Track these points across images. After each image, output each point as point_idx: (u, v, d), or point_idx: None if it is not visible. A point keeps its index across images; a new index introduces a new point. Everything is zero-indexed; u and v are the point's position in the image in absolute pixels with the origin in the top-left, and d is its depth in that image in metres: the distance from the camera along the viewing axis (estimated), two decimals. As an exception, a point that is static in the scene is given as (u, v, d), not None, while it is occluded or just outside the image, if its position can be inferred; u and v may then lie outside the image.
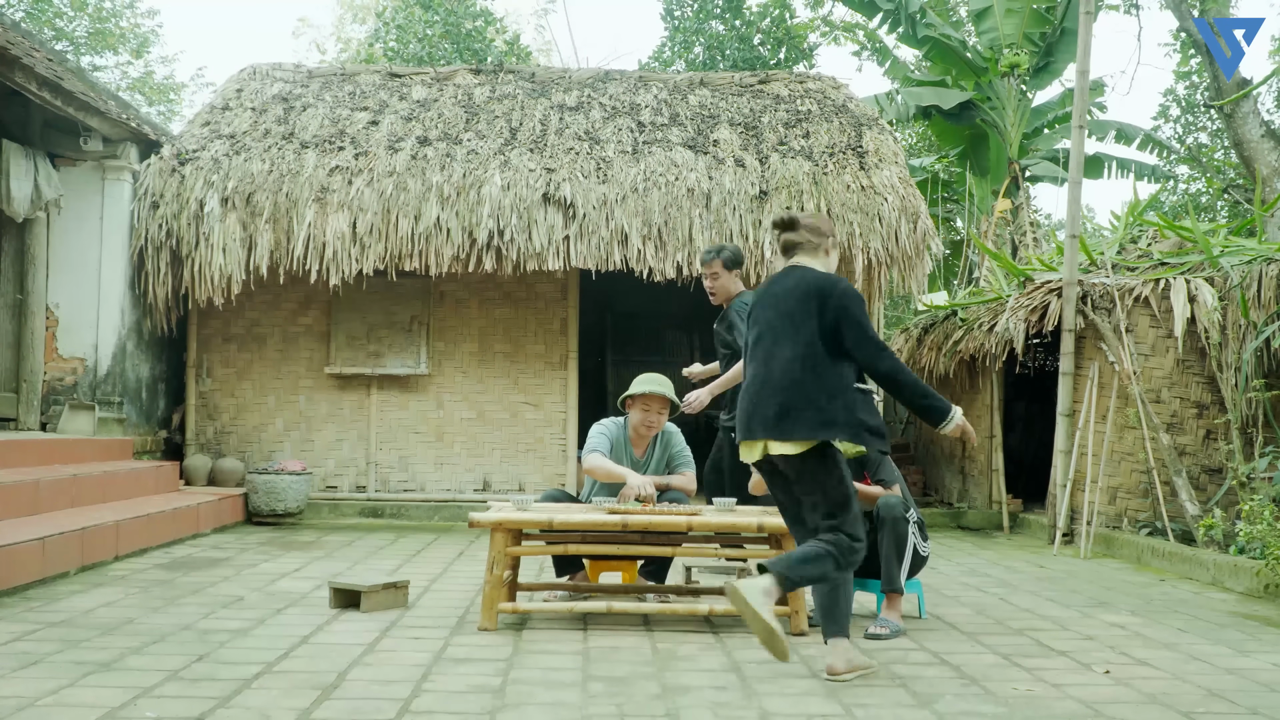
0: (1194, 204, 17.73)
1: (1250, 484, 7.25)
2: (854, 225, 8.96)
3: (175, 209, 8.92)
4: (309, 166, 9.17)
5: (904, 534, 4.89)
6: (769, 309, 4.09)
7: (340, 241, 8.76)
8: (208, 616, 4.89)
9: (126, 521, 6.62)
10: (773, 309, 4.08)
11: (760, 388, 4.01)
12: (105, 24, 21.27)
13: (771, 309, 4.08)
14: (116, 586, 5.61)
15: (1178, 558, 7.01)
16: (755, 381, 4.05)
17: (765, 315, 4.10)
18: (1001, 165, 14.46)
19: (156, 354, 9.49)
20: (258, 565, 6.52)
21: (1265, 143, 14.33)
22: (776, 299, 4.08)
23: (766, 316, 4.09)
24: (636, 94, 10.53)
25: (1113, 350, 8.22)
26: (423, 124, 9.85)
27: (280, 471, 8.76)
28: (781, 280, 4.13)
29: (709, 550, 5.04)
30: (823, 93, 10.65)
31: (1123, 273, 8.80)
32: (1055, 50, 14.13)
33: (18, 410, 8.50)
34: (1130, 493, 8.24)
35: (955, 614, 5.38)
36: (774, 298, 4.10)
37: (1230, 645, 4.73)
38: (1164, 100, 19.62)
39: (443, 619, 4.96)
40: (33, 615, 4.79)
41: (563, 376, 9.67)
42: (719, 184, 9.15)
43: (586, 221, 8.87)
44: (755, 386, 4.04)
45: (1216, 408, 8.08)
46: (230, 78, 10.81)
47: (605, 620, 4.95)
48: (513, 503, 5.06)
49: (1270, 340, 7.50)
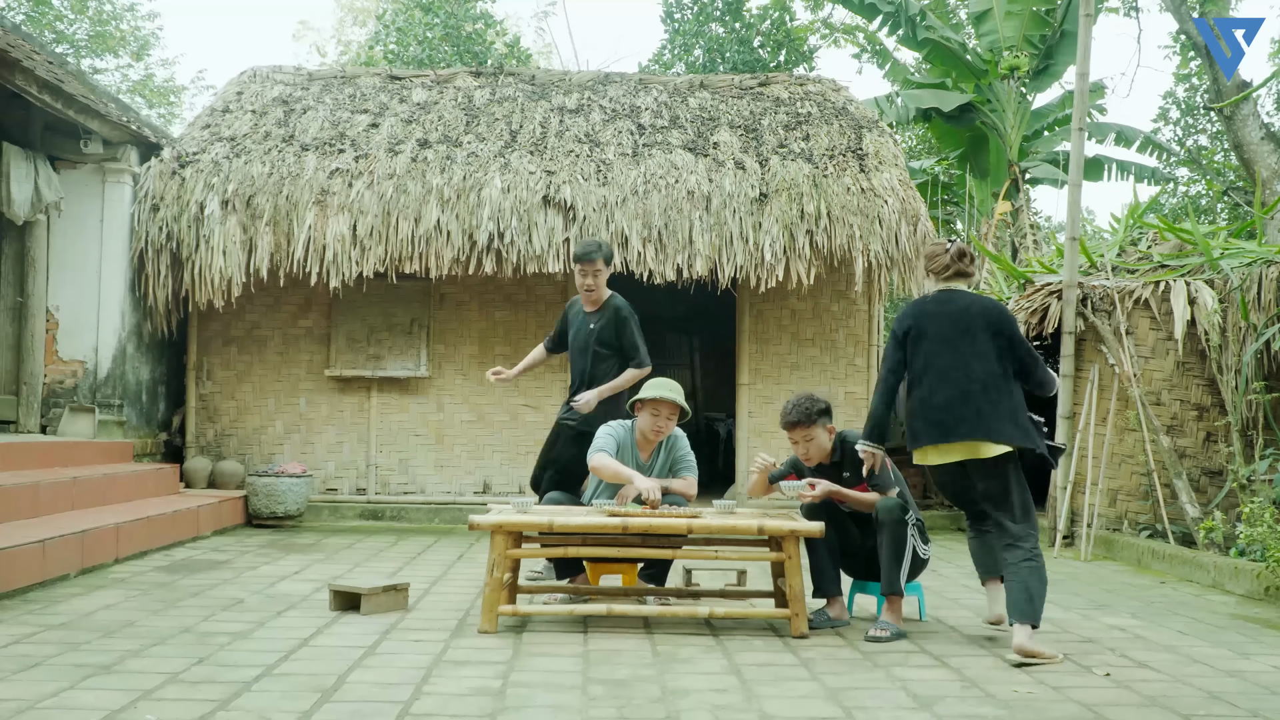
0: (1194, 206, 17.73)
1: (1250, 486, 7.25)
2: (854, 228, 8.95)
3: (175, 211, 8.92)
4: (309, 169, 9.17)
5: (903, 536, 4.88)
6: (946, 325, 4.59)
7: (340, 244, 8.76)
8: (208, 619, 4.89)
9: (127, 524, 6.62)
10: (950, 326, 4.58)
11: (961, 396, 4.49)
12: (106, 27, 21.28)
13: (949, 326, 4.58)
14: (117, 589, 5.61)
15: (1178, 560, 7.00)
16: (950, 389, 4.52)
17: (942, 331, 4.59)
18: (1001, 168, 14.46)
19: (157, 357, 9.49)
20: (258, 568, 6.52)
21: (1265, 145, 14.34)
22: (953, 318, 4.59)
23: (944, 333, 4.58)
24: (636, 96, 10.53)
25: (1113, 353, 8.22)
26: (423, 126, 9.85)
27: (280, 474, 8.76)
28: (954, 300, 4.64)
29: (709, 553, 5.03)
30: (823, 95, 10.65)
31: (1123, 275, 8.81)
32: (1055, 53, 14.14)
33: (18, 413, 8.50)
34: (1130, 495, 8.24)
35: (956, 616, 5.38)
36: (949, 317, 4.60)
37: (1231, 648, 4.73)
38: (1164, 103, 19.62)
39: (443, 621, 4.96)
40: (33, 618, 4.79)
41: (563, 379, 9.66)
42: (719, 186, 9.15)
43: (587, 224, 8.87)
44: (952, 394, 4.51)
45: (1217, 410, 8.08)
46: (230, 80, 10.82)
47: (605, 623, 4.95)
48: (513, 505, 5.06)
49: (1270, 342, 7.50)
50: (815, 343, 9.86)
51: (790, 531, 4.74)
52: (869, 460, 4.79)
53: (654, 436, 5.39)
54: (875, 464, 4.81)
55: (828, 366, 9.83)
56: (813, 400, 5.09)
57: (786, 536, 4.76)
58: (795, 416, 5.05)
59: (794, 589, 4.74)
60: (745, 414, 9.79)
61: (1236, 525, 6.77)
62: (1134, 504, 8.21)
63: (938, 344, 4.59)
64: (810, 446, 5.09)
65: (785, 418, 5.09)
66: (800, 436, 5.08)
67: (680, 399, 5.34)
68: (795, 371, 9.78)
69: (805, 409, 5.05)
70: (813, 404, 5.07)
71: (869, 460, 4.79)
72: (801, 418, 5.04)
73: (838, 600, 5.08)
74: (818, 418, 5.04)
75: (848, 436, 5.12)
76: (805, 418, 5.04)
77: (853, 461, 5.06)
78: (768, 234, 8.86)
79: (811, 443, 5.08)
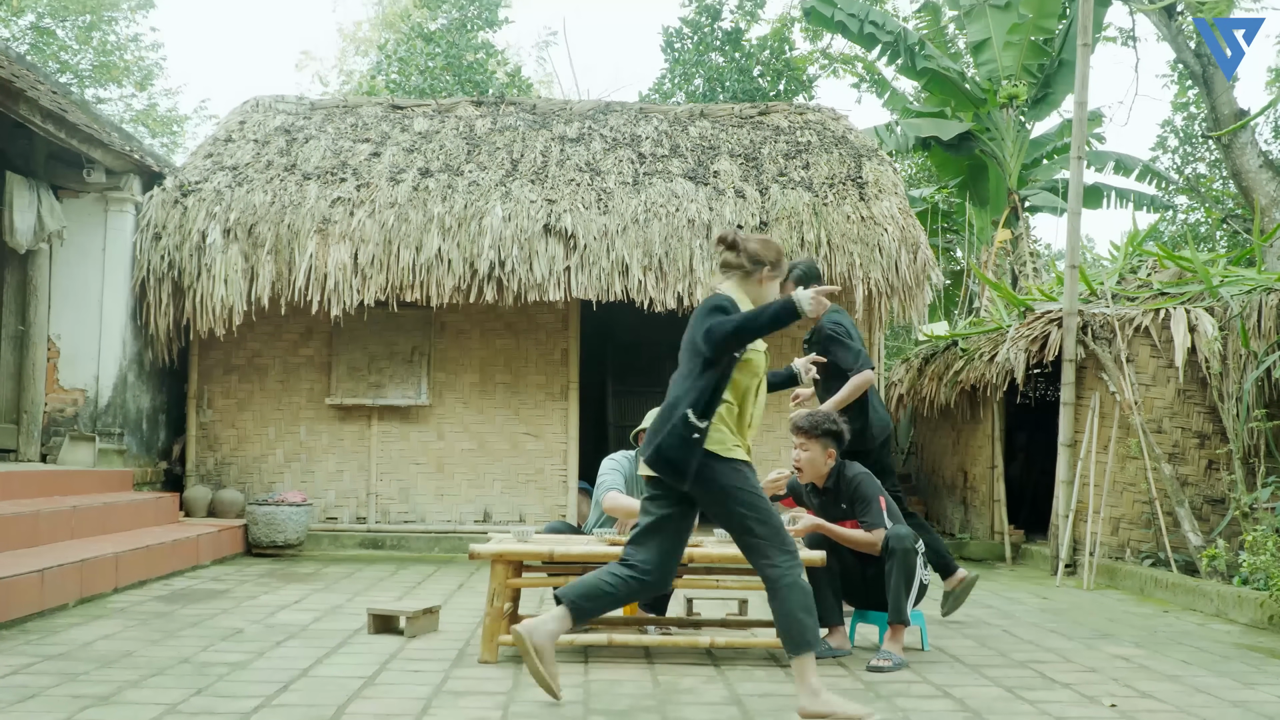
0: (1193, 234, 17.77)
1: (1253, 514, 7.23)
2: (854, 256, 8.98)
3: (177, 240, 8.95)
4: (311, 198, 9.21)
5: (913, 566, 4.87)
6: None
7: (342, 272, 8.78)
8: (206, 649, 4.86)
9: (126, 553, 6.60)
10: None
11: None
12: (110, 57, 21.42)
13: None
14: (115, 619, 5.58)
15: (1181, 589, 6.97)
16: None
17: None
18: (1001, 196, 14.51)
19: (157, 385, 9.49)
20: (257, 597, 6.50)
21: (1263, 173, 14.40)
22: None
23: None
24: (637, 125, 10.58)
25: (1114, 380, 8.22)
26: (424, 155, 9.90)
27: (280, 503, 8.73)
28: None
29: (710, 582, 5.01)
30: (822, 124, 10.70)
31: (1123, 303, 8.82)
32: (1053, 82, 14.22)
33: (18, 441, 8.49)
34: (1133, 523, 8.21)
35: (958, 646, 5.35)
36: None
37: (1235, 677, 4.70)
38: (1162, 131, 19.73)
39: (443, 651, 4.93)
40: (30, 648, 4.77)
41: (563, 407, 9.67)
42: (719, 215, 9.18)
43: (587, 252, 8.89)
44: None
45: (1218, 438, 8.07)
46: (233, 110, 10.88)
47: (606, 653, 4.93)
48: (513, 534, 5.05)
49: (1271, 370, 7.49)
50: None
51: (791, 560, 4.71)
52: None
53: None
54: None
55: (828, 394, 9.80)
56: (827, 418, 5.14)
57: (788, 565, 4.73)
58: (802, 424, 5.13)
59: (795, 618, 4.71)
60: (746, 442, 9.76)
61: (1239, 554, 6.74)
62: (1136, 532, 8.19)
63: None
64: (804, 458, 5.13)
65: (796, 421, 5.17)
66: (800, 444, 5.13)
67: None
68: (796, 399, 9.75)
69: (813, 420, 5.12)
70: (824, 420, 5.12)
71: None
72: (807, 426, 5.11)
73: (839, 629, 5.06)
74: (821, 435, 5.07)
75: (848, 468, 5.12)
76: (810, 427, 5.10)
77: (850, 495, 5.06)
78: (768, 262, 8.86)
79: (805, 454, 5.12)
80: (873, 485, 5.09)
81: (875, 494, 5.05)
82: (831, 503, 5.12)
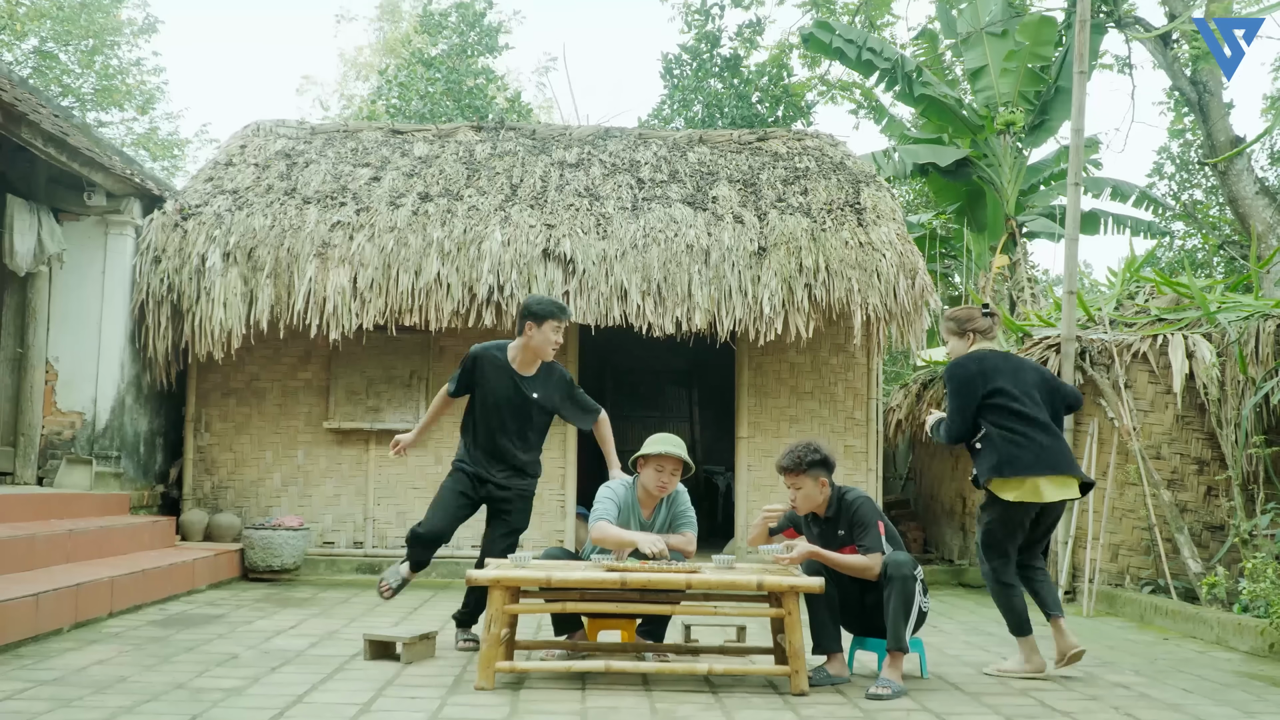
0: (1190, 260, 17.82)
1: (1252, 541, 7.21)
2: (852, 281, 8.99)
3: (177, 263, 8.96)
4: (310, 222, 9.23)
5: (912, 593, 4.84)
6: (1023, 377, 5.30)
7: (341, 296, 8.79)
8: (201, 675, 4.83)
9: (121, 577, 6.58)
10: (1023, 378, 5.30)
11: (1054, 439, 5.21)
12: (112, 81, 21.51)
13: (1022, 378, 5.30)
14: (110, 644, 5.55)
15: (1181, 616, 6.95)
16: (1045, 433, 5.19)
17: (1022, 383, 5.27)
18: (999, 222, 14.55)
19: (155, 408, 9.48)
20: (253, 622, 6.46)
21: (1259, 199, 14.45)
22: (1019, 371, 5.32)
23: (1025, 385, 5.26)
24: (636, 151, 10.62)
25: (1112, 406, 8.22)
26: (424, 180, 9.93)
27: (277, 527, 8.71)
28: (1011, 359, 5.37)
29: (708, 609, 4.99)
30: (820, 150, 10.74)
31: (1120, 329, 8.83)
32: (1050, 108, 14.29)
33: (14, 464, 8.47)
34: (1132, 550, 8.19)
35: (958, 673, 5.33)
36: (1016, 370, 5.31)
37: (1236, 706, 4.67)
38: (1158, 158, 19.80)
39: (439, 678, 4.91)
40: (24, 673, 4.74)
41: (561, 432, 9.64)
42: (718, 240, 9.20)
43: (586, 277, 8.91)
44: (1049, 438, 5.19)
45: (1217, 464, 8.06)
46: (234, 134, 10.92)
47: (604, 679, 4.90)
48: (511, 559, 5.03)
49: (1269, 396, 7.50)
50: (814, 396, 9.86)
51: (790, 587, 4.70)
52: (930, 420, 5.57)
53: (658, 493, 5.32)
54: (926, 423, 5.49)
55: (827, 420, 9.81)
56: (809, 450, 5.03)
57: (786, 592, 4.72)
58: (785, 463, 5.04)
59: (794, 645, 4.70)
60: (744, 467, 9.76)
61: (1239, 580, 6.72)
62: (1136, 559, 8.17)
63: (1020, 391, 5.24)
64: (798, 495, 5.07)
65: (778, 462, 5.10)
66: (790, 483, 5.07)
67: (684, 454, 5.31)
68: (794, 425, 9.76)
69: (796, 457, 5.02)
70: (806, 453, 5.02)
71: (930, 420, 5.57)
72: (790, 464, 5.02)
73: (838, 657, 5.03)
74: (808, 468, 5.01)
75: (847, 493, 5.10)
76: (794, 465, 5.01)
77: (849, 521, 5.04)
78: (766, 287, 8.89)
79: (799, 491, 5.06)
80: (872, 510, 5.07)
81: (874, 519, 5.03)
82: (831, 530, 5.10)
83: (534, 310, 5.67)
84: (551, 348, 5.73)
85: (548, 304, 5.71)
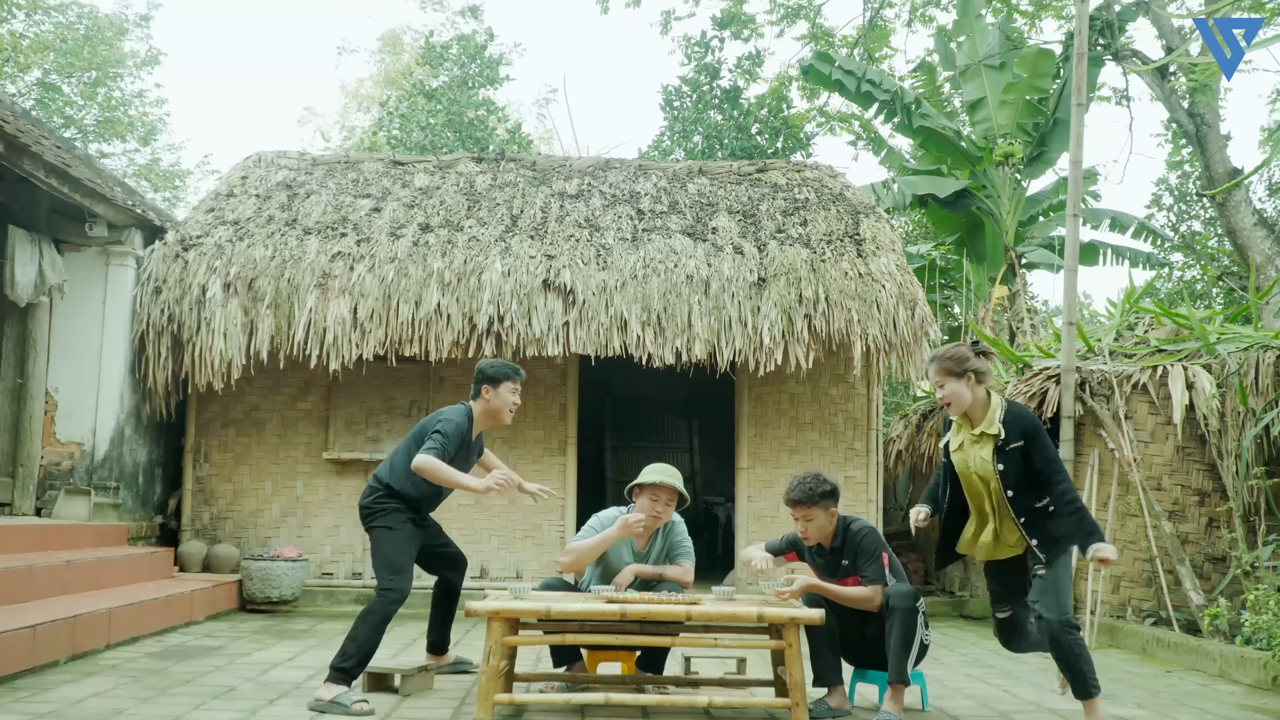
0: (1189, 291, 17.86)
1: (1254, 573, 7.18)
2: (852, 312, 9.00)
3: (178, 294, 8.98)
4: (311, 252, 9.25)
5: (914, 625, 4.81)
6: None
7: (341, 327, 8.80)
8: (199, 707, 4.80)
9: (119, 609, 6.55)
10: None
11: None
12: (114, 112, 21.66)
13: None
14: (107, 676, 5.52)
15: (1183, 648, 6.91)
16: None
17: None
18: (998, 253, 14.59)
19: (154, 439, 9.47)
20: (251, 654, 6.43)
21: (1258, 230, 14.50)
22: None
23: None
24: (636, 182, 10.67)
25: (1112, 437, 8.21)
26: (425, 211, 9.96)
27: (276, 558, 8.67)
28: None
29: (708, 640, 4.97)
30: (820, 181, 10.79)
31: (1120, 359, 8.83)
32: (1048, 140, 14.36)
33: (13, 495, 8.45)
34: (1134, 581, 8.16)
35: (959, 706, 5.29)
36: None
37: (1239, 740, 4.64)
38: (1157, 189, 19.86)
39: (438, 711, 4.87)
40: (21, 706, 4.71)
41: (561, 462, 9.64)
42: (718, 271, 9.23)
43: (586, 308, 8.92)
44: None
45: (1218, 495, 8.04)
46: (235, 165, 10.97)
47: (603, 712, 4.87)
48: (510, 591, 5.01)
49: (1269, 427, 7.49)
50: (814, 426, 9.85)
51: (790, 619, 4.68)
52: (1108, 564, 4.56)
53: (653, 523, 5.33)
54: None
55: (827, 450, 9.80)
56: (819, 481, 5.03)
57: (787, 624, 4.70)
58: (797, 495, 5.01)
59: (794, 678, 4.67)
60: (744, 498, 9.74)
61: (1242, 613, 6.69)
62: (1137, 590, 8.13)
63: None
64: (809, 527, 5.05)
65: (788, 494, 5.06)
66: (800, 515, 5.05)
67: (679, 484, 5.30)
68: (794, 455, 9.75)
69: (809, 489, 5.00)
70: (818, 485, 5.01)
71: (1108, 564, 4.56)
72: (803, 497, 5.01)
73: (839, 689, 5.00)
74: (820, 499, 5.00)
75: (852, 523, 5.09)
76: (807, 497, 5.00)
77: (853, 550, 5.02)
78: (766, 318, 8.91)
79: (811, 523, 5.04)
80: (876, 540, 5.05)
81: (878, 550, 5.01)
82: (835, 559, 5.08)
83: (489, 374, 5.69)
84: (509, 409, 5.76)
85: (501, 365, 5.74)
